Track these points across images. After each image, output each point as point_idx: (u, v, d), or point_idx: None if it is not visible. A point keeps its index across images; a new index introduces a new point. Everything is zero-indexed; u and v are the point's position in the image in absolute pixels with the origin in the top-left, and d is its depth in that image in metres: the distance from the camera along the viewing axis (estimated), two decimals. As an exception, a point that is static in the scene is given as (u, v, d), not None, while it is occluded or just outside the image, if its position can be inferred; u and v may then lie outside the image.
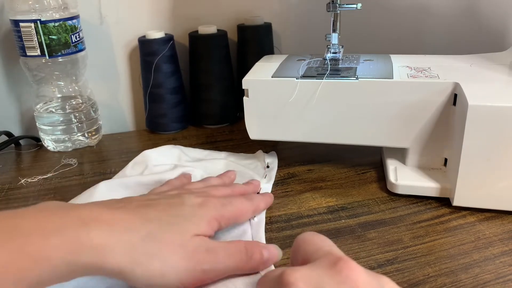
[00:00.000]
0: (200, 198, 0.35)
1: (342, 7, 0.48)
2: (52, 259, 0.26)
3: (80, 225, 0.28)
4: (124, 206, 0.32)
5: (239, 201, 0.38)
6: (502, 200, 0.42)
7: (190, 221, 0.32)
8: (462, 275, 0.35)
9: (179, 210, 0.33)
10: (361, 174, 0.51)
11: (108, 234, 0.28)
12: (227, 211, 0.36)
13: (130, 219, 0.30)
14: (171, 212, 0.32)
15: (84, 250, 0.27)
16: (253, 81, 0.48)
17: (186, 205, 0.34)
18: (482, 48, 0.61)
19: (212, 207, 0.35)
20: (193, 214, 0.33)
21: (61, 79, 0.59)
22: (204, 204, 0.35)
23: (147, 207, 0.32)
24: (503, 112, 0.38)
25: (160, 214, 0.32)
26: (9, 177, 0.54)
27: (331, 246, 0.27)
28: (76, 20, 0.57)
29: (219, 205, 0.35)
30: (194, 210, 0.34)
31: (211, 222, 0.34)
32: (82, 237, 0.27)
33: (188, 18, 0.67)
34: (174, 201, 0.34)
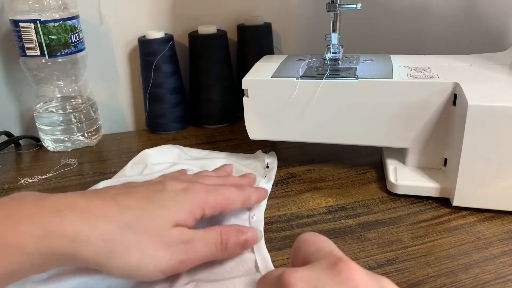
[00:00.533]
0: (184, 184, 0.34)
1: (342, 7, 0.48)
2: (23, 247, 0.25)
3: (53, 212, 0.27)
4: (102, 194, 0.31)
5: (227, 189, 0.36)
6: (502, 200, 0.42)
7: (169, 209, 0.31)
8: (462, 275, 0.35)
9: (159, 196, 0.32)
10: (361, 174, 0.51)
11: (83, 222, 0.27)
12: (212, 197, 0.34)
13: (107, 206, 0.29)
14: (150, 199, 0.31)
15: (58, 238, 0.26)
16: (253, 81, 0.48)
17: (167, 191, 0.32)
18: (482, 48, 0.61)
19: (196, 192, 0.33)
20: (174, 201, 0.32)
21: (61, 79, 0.59)
22: (187, 190, 0.33)
23: (126, 194, 0.31)
24: (503, 112, 0.38)
25: (139, 201, 0.31)
26: (9, 177, 0.54)
27: (332, 246, 0.27)
28: (75, 20, 0.57)
29: (203, 191, 0.34)
30: (176, 197, 0.32)
31: (194, 210, 0.32)
32: (55, 224, 0.26)
33: (188, 18, 0.67)
34: (155, 187, 0.33)
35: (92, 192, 0.31)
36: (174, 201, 0.32)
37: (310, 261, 0.26)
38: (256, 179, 0.46)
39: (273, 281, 0.25)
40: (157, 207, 0.31)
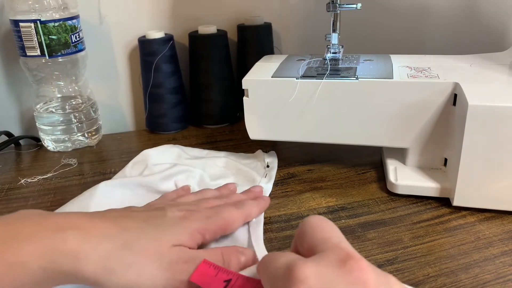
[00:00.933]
0: (183, 211, 0.35)
1: (342, 7, 0.48)
2: (27, 265, 0.26)
3: (56, 231, 0.28)
4: (103, 215, 0.32)
5: (227, 211, 0.37)
6: (502, 200, 0.42)
7: (169, 230, 0.32)
8: (462, 275, 0.35)
9: (159, 220, 0.33)
10: (361, 174, 0.51)
11: (83, 241, 0.28)
12: (211, 223, 0.35)
13: (107, 227, 0.30)
14: (150, 222, 0.32)
15: (60, 256, 0.27)
16: (253, 81, 0.48)
17: (167, 217, 0.33)
18: (482, 48, 0.61)
19: (195, 220, 0.34)
20: (174, 224, 0.33)
21: (61, 79, 0.59)
22: (186, 217, 0.34)
23: (127, 217, 0.32)
24: (503, 112, 0.38)
25: (139, 224, 0.31)
26: (9, 177, 0.54)
27: (340, 238, 0.26)
28: (76, 20, 0.57)
29: (203, 218, 0.35)
30: (175, 221, 0.33)
31: (193, 234, 0.33)
32: (58, 243, 0.27)
33: (188, 18, 0.67)
34: (155, 212, 0.34)
35: (94, 213, 0.32)
36: (174, 225, 0.33)
37: (316, 250, 0.25)
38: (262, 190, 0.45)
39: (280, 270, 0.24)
40: (157, 229, 0.31)
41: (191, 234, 0.33)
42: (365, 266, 0.23)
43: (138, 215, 0.33)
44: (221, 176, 0.49)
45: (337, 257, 0.23)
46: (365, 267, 0.23)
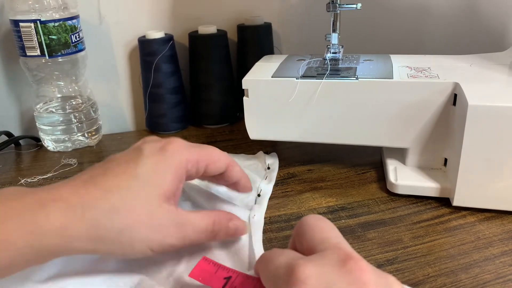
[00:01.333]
0: (161, 143, 0.32)
1: (342, 7, 0.48)
2: (13, 243, 0.26)
3: (38, 208, 0.27)
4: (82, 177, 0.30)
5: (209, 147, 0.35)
6: (502, 200, 0.42)
7: (151, 182, 0.30)
8: (462, 275, 0.35)
9: (138, 166, 0.30)
10: (361, 174, 0.51)
11: (68, 214, 0.27)
12: (193, 152, 0.33)
13: (89, 192, 0.28)
14: (129, 173, 0.30)
15: (45, 232, 0.26)
16: (253, 81, 0.48)
17: (145, 157, 0.31)
18: (482, 48, 0.61)
19: (176, 149, 0.32)
20: (154, 169, 0.30)
21: (61, 79, 0.59)
22: (166, 147, 0.32)
23: (107, 172, 0.30)
24: (503, 112, 0.38)
25: (120, 179, 0.30)
26: (9, 177, 0.54)
27: (339, 238, 0.26)
28: (76, 20, 0.57)
29: (184, 145, 0.33)
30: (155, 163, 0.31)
31: (177, 172, 0.31)
32: (41, 219, 0.27)
33: (188, 18, 0.67)
34: (132, 155, 0.32)
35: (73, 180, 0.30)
36: (155, 170, 0.31)
37: (315, 250, 0.25)
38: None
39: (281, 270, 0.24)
40: (139, 182, 0.30)
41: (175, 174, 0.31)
42: (365, 266, 0.23)
43: (117, 164, 0.31)
44: None
45: (337, 257, 0.23)
46: (365, 267, 0.23)
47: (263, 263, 0.27)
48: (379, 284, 0.22)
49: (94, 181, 0.29)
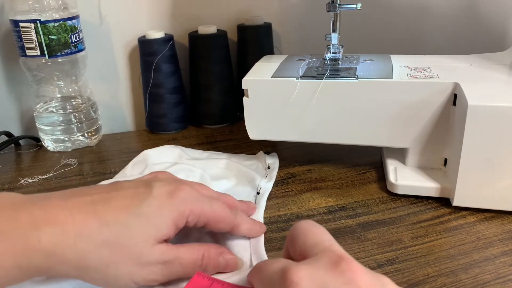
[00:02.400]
0: (172, 185, 0.32)
1: (342, 7, 0.48)
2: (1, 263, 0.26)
3: (31, 229, 0.26)
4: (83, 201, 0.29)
5: (219, 205, 0.34)
6: (502, 200, 0.42)
7: (151, 224, 0.30)
8: (462, 275, 0.35)
9: (143, 205, 0.30)
10: (361, 174, 0.51)
11: (60, 239, 0.27)
12: (198, 206, 0.32)
13: (86, 222, 0.28)
14: (132, 210, 0.30)
15: (35, 254, 0.26)
16: (253, 81, 0.48)
17: (152, 196, 0.31)
18: (482, 48, 0.61)
19: (183, 198, 0.32)
20: (157, 212, 0.30)
21: (61, 79, 0.59)
22: (174, 194, 0.31)
23: (108, 202, 0.29)
24: (503, 112, 0.38)
25: (119, 213, 0.29)
26: (9, 177, 0.54)
27: (331, 241, 0.26)
28: (76, 20, 0.57)
29: (192, 195, 0.32)
30: (160, 204, 0.30)
31: (178, 219, 0.31)
32: (32, 241, 0.26)
33: (188, 18, 0.67)
34: (140, 191, 0.31)
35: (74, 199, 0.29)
36: (157, 213, 0.30)
37: (308, 254, 0.25)
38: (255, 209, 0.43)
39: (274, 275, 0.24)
40: (139, 221, 0.29)
41: (175, 221, 0.31)
42: (357, 267, 0.23)
43: (122, 195, 0.30)
44: (222, 176, 0.49)
45: (329, 259, 0.24)
46: (357, 268, 0.23)
47: (257, 272, 0.27)
48: (373, 284, 0.23)
49: (94, 209, 0.29)
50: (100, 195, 0.30)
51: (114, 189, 0.31)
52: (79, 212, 0.28)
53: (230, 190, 0.47)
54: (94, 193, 0.30)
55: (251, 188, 0.47)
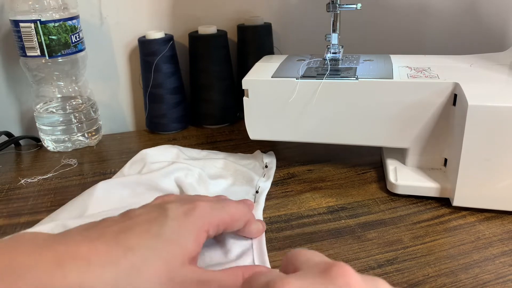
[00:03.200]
0: (187, 205, 0.32)
1: (342, 7, 0.48)
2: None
3: (55, 267, 0.26)
4: (103, 232, 0.29)
5: (233, 206, 0.35)
6: (502, 200, 0.42)
7: (175, 243, 0.29)
8: (462, 275, 0.35)
9: (162, 227, 0.30)
10: (361, 174, 0.51)
11: (86, 272, 0.26)
12: (216, 216, 0.33)
13: (110, 250, 0.27)
14: (153, 232, 0.29)
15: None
16: (253, 81, 0.48)
17: (170, 219, 0.31)
18: (482, 48, 0.61)
19: (200, 214, 0.32)
20: (178, 231, 0.30)
21: (61, 79, 0.59)
22: (191, 212, 0.32)
23: (128, 230, 0.29)
24: (503, 112, 0.38)
25: (142, 238, 0.29)
26: (9, 177, 0.54)
27: (323, 257, 0.26)
28: (76, 21, 0.57)
29: (208, 209, 0.33)
30: (179, 225, 0.31)
31: (199, 235, 0.31)
32: (58, 278, 0.25)
33: (188, 18, 0.67)
34: (156, 215, 0.31)
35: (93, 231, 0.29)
36: (179, 232, 0.30)
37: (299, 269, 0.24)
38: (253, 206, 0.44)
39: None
40: (162, 242, 0.29)
41: (197, 236, 0.31)
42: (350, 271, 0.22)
43: (138, 222, 0.30)
44: (220, 176, 0.49)
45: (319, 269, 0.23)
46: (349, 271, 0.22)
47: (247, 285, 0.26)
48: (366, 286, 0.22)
49: (116, 239, 0.28)
50: (117, 225, 0.30)
51: (127, 218, 0.31)
52: (102, 243, 0.28)
53: (228, 189, 0.47)
54: (111, 225, 0.30)
55: (249, 187, 0.47)
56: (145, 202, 0.44)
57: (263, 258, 0.36)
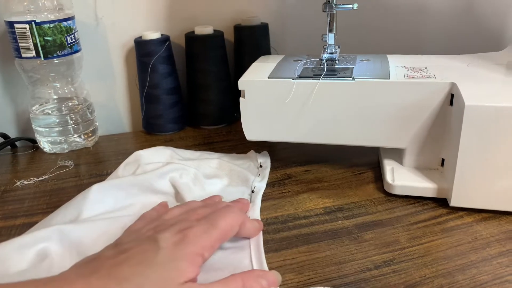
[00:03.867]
0: (177, 235, 0.32)
1: (338, 7, 0.48)
2: None
3: None
4: (96, 268, 0.29)
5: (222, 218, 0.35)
6: (499, 201, 0.42)
7: (170, 268, 0.29)
8: (459, 276, 0.34)
9: (155, 257, 0.30)
10: (358, 174, 0.51)
11: None
12: (209, 239, 0.33)
13: (105, 284, 0.27)
14: (146, 263, 0.29)
15: None
16: (249, 82, 0.48)
17: (162, 248, 0.30)
18: (479, 48, 0.61)
19: (192, 240, 0.32)
20: (172, 258, 0.30)
21: (56, 81, 0.59)
22: (182, 241, 0.31)
23: (121, 264, 0.29)
24: (500, 112, 0.38)
25: (136, 269, 0.29)
26: (5, 179, 0.54)
27: None
28: (71, 21, 0.57)
29: (199, 234, 0.32)
30: (172, 253, 0.30)
31: (194, 260, 0.31)
32: None
33: (184, 19, 0.67)
34: (147, 246, 0.31)
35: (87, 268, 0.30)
36: (172, 259, 0.30)
37: None
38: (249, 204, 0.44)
39: None
40: (156, 269, 0.29)
41: (192, 261, 0.31)
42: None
43: (131, 255, 0.30)
44: (215, 175, 0.49)
45: None
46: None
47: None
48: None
49: (108, 273, 0.28)
50: (109, 261, 0.30)
51: (119, 252, 0.31)
52: (96, 279, 0.28)
53: (224, 189, 0.47)
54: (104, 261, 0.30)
55: (245, 188, 0.47)
56: (140, 203, 0.44)
57: (261, 260, 0.36)
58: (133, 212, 0.41)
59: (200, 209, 0.37)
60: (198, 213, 0.36)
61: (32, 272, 0.34)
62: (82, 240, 0.37)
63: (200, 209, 0.37)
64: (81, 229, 0.38)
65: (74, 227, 0.38)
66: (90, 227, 0.38)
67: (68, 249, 0.36)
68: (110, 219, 0.40)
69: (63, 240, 0.36)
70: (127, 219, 0.39)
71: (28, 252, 0.35)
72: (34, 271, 0.34)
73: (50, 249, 0.36)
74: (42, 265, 0.34)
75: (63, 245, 0.36)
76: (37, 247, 0.35)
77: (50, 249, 0.36)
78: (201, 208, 0.37)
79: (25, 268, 0.34)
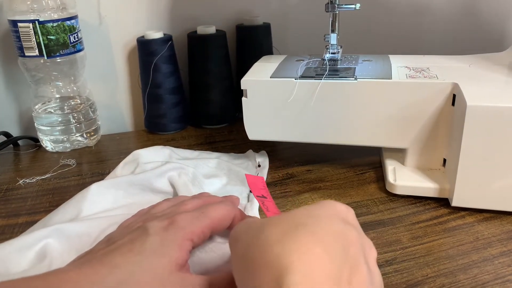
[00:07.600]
0: (165, 220, 0.32)
1: (340, 7, 0.48)
2: None
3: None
4: (88, 258, 0.30)
5: (213, 209, 0.35)
6: (501, 201, 0.42)
7: (159, 254, 0.29)
8: (461, 275, 0.35)
9: (144, 244, 0.30)
10: (360, 174, 0.51)
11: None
12: (198, 225, 0.32)
13: (97, 271, 0.28)
14: (136, 250, 0.30)
15: None
16: (252, 82, 0.48)
17: (151, 235, 0.31)
18: (481, 49, 0.61)
19: (180, 225, 0.32)
20: (161, 243, 0.30)
21: (59, 80, 0.59)
22: (170, 226, 0.32)
23: (111, 252, 0.30)
24: (501, 113, 0.38)
25: (126, 256, 0.29)
26: (7, 177, 0.54)
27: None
28: (74, 21, 0.57)
29: (188, 220, 0.32)
30: (161, 238, 0.30)
31: (183, 244, 0.31)
32: None
33: (187, 18, 0.67)
34: (137, 234, 0.31)
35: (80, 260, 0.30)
36: (161, 244, 0.30)
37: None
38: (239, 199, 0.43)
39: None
40: (147, 257, 0.29)
41: (180, 245, 0.31)
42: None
43: (121, 244, 0.30)
44: (214, 175, 0.49)
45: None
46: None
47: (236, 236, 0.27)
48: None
49: (100, 261, 0.29)
50: (101, 251, 0.30)
51: (110, 243, 0.31)
52: (88, 267, 0.28)
53: (222, 189, 0.47)
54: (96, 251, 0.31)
55: (243, 187, 0.47)
56: (139, 202, 0.44)
57: None
58: (132, 211, 0.41)
59: (190, 201, 0.37)
60: (188, 204, 0.36)
61: (32, 272, 0.34)
62: (81, 239, 0.37)
63: (190, 201, 0.37)
64: (80, 228, 0.38)
65: (74, 226, 0.38)
66: (89, 226, 0.38)
67: (67, 248, 0.36)
68: (109, 218, 0.40)
69: (63, 239, 0.36)
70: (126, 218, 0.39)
71: (28, 252, 0.35)
72: (34, 270, 0.34)
73: (50, 249, 0.36)
74: (41, 265, 0.35)
75: (63, 244, 0.36)
76: (37, 247, 0.35)
77: (50, 249, 0.36)
78: (191, 200, 0.37)
79: (25, 268, 0.34)
